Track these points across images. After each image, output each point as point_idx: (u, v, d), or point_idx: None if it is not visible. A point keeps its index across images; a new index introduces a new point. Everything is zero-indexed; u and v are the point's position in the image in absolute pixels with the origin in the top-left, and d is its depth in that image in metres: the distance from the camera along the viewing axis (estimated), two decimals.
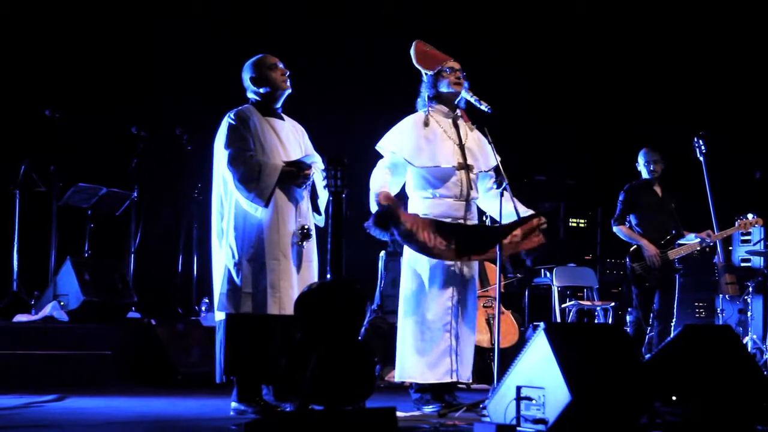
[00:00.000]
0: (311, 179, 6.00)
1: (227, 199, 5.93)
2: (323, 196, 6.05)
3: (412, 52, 6.40)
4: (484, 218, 7.17)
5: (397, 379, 6.35)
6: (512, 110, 8.15)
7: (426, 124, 6.31)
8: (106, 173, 9.58)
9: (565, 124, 12.01)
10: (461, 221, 6.25)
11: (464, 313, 6.28)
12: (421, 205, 6.27)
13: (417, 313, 6.21)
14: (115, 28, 10.16)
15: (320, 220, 6.12)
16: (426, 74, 6.37)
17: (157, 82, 10.21)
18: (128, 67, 10.14)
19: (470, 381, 6.45)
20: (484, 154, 6.43)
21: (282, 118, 6.14)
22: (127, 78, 10.06)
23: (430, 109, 6.37)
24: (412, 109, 6.46)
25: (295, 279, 5.90)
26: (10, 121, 9.49)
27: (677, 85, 11.97)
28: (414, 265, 6.27)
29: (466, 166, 6.29)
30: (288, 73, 6.09)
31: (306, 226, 5.93)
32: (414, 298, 6.24)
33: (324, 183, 5.54)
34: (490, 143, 6.28)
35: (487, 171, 6.44)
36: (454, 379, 6.23)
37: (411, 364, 6.20)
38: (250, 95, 6.12)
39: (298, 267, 5.95)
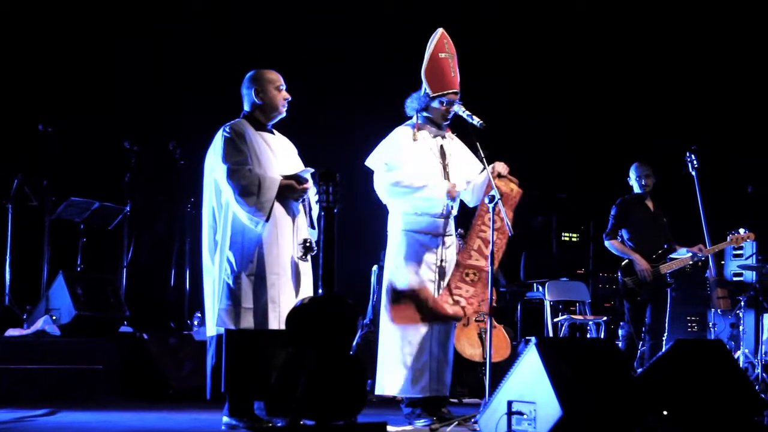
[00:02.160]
0: (307, 193, 6.02)
1: (221, 213, 5.91)
2: (316, 211, 6.06)
3: (430, 47, 6.34)
4: (459, 231, 7.18)
5: (376, 393, 6.36)
6: (503, 122, 8.15)
7: (414, 139, 6.35)
8: (98, 187, 9.59)
9: (557, 138, 12.04)
10: (441, 236, 6.34)
11: (443, 328, 6.30)
12: (401, 220, 6.32)
13: (397, 327, 6.24)
14: (109, 43, 10.18)
15: (314, 234, 6.12)
16: (425, 89, 6.38)
17: (149, 97, 10.21)
18: (121, 82, 10.16)
19: (448, 395, 6.46)
20: (466, 167, 6.47)
21: (273, 133, 6.16)
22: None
23: (418, 122, 6.40)
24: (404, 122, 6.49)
25: (294, 293, 5.90)
26: (3, 135, 9.50)
27: (670, 100, 12.01)
28: (395, 277, 6.30)
29: None
30: (289, 99, 6.10)
31: (309, 240, 5.92)
32: None
33: (316, 198, 5.55)
34: (481, 158, 6.28)
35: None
36: (433, 395, 6.25)
37: (390, 379, 6.24)
38: (246, 105, 6.11)
39: (296, 281, 5.95)
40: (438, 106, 6.39)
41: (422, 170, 6.28)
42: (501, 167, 6.31)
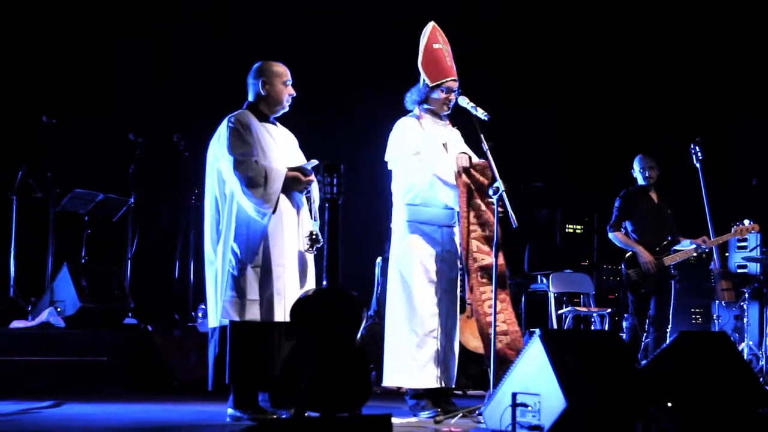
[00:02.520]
0: (311, 185, 6.02)
1: (224, 203, 5.89)
2: (317, 203, 6.06)
3: (423, 39, 6.37)
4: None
5: (384, 384, 6.37)
6: (507, 115, 8.15)
7: (422, 128, 6.35)
8: (103, 179, 9.59)
9: (561, 131, 12.02)
10: (445, 227, 6.36)
11: (449, 319, 6.32)
12: (405, 211, 6.33)
13: (404, 318, 6.26)
14: (112, 35, 10.16)
15: (316, 226, 6.12)
16: (423, 80, 6.39)
17: (153, 89, 10.21)
18: (125, 73, 10.15)
19: (454, 387, 6.46)
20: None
21: (275, 125, 6.16)
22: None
23: (421, 113, 6.40)
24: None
25: (299, 285, 5.91)
26: (7, 127, 9.50)
27: (674, 92, 11.99)
28: (401, 268, 6.32)
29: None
30: (293, 95, 6.10)
31: (315, 233, 5.92)
32: (401, 303, 6.29)
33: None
34: (486, 149, 6.26)
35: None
36: (440, 385, 6.25)
37: (398, 370, 6.25)
38: (250, 95, 6.10)
39: (301, 273, 5.95)
40: (438, 96, 6.39)
41: (440, 160, 6.28)
42: (465, 161, 6.27)
